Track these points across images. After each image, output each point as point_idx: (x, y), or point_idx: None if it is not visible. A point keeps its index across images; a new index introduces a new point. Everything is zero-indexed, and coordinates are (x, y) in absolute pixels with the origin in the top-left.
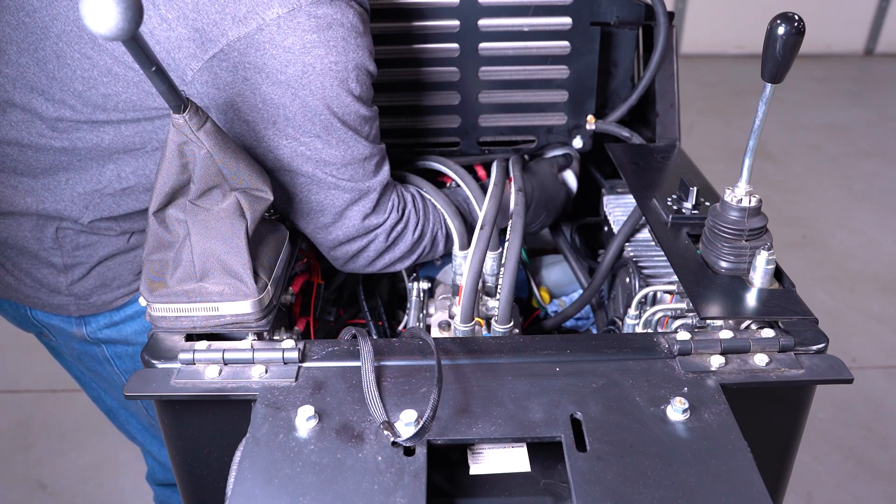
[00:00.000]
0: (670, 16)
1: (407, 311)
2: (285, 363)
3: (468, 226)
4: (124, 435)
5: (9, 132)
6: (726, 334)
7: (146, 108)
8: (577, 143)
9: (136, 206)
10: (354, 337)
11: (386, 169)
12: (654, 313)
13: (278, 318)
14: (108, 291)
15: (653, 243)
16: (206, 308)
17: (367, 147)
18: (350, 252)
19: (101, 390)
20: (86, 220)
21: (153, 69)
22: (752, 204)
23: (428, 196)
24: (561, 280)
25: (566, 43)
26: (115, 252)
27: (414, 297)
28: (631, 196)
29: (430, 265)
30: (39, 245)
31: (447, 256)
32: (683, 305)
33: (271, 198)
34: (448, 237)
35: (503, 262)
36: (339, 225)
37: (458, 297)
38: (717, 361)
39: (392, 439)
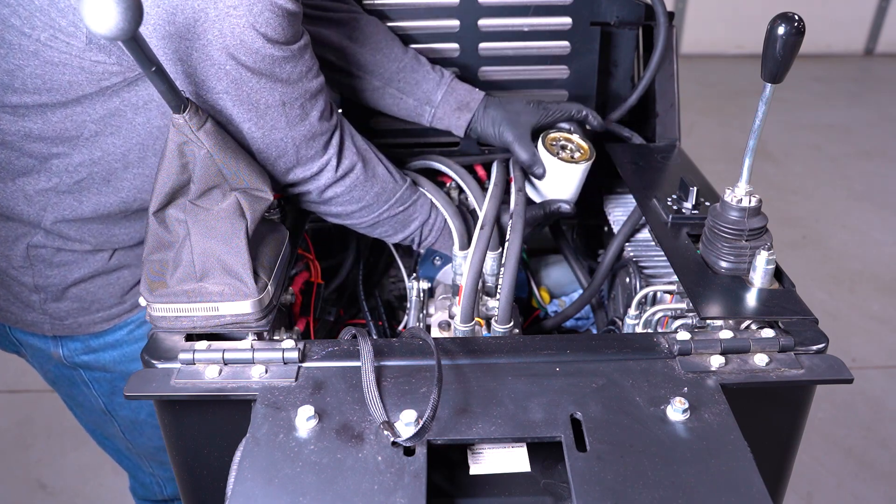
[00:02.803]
0: (670, 16)
1: (407, 311)
2: (285, 363)
3: (468, 226)
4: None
5: None
6: (726, 334)
7: (62, 88)
8: None
9: (102, 206)
10: (354, 337)
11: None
12: (654, 313)
13: (278, 318)
14: (85, 314)
15: (653, 243)
16: (206, 308)
17: (288, 92)
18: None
19: (77, 415)
20: (48, 222)
21: (153, 69)
22: (752, 204)
23: (428, 195)
24: (561, 280)
25: (566, 43)
26: (94, 273)
27: (414, 297)
28: (631, 196)
29: (430, 265)
30: (8, 262)
31: (439, 254)
32: (683, 305)
33: (271, 198)
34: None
35: (503, 262)
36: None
37: (458, 297)
38: (717, 361)
39: (392, 439)
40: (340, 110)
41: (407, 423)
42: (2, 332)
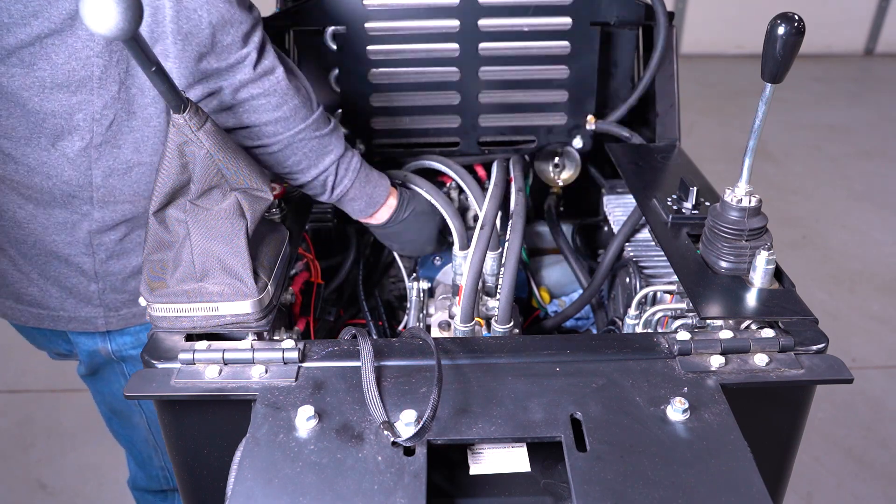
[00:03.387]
0: (670, 16)
1: (407, 311)
2: (285, 363)
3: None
4: (115, 439)
5: None
6: (726, 334)
7: (45, 8)
8: (577, 143)
9: (140, 142)
10: (354, 337)
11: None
12: (654, 313)
13: (278, 318)
14: (137, 304)
15: (653, 243)
16: (206, 308)
17: None
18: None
19: (102, 404)
20: (98, 179)
21: (153, 69)
22: (752, 204)
23: (427, 195)
24: (561, 280)
25: (566, 43)
26: None
27: (414, 297)
28: (631, 196)
29: (430, 265)
30: (70, 250)
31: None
32: (683, 305)
33: (271, 198)
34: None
35: (503, 262)
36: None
37: (458, 297)
38: (717, 361)
39: (392, 439)
40: (340, 110)
41: (407, 423)
42: (55, 333)
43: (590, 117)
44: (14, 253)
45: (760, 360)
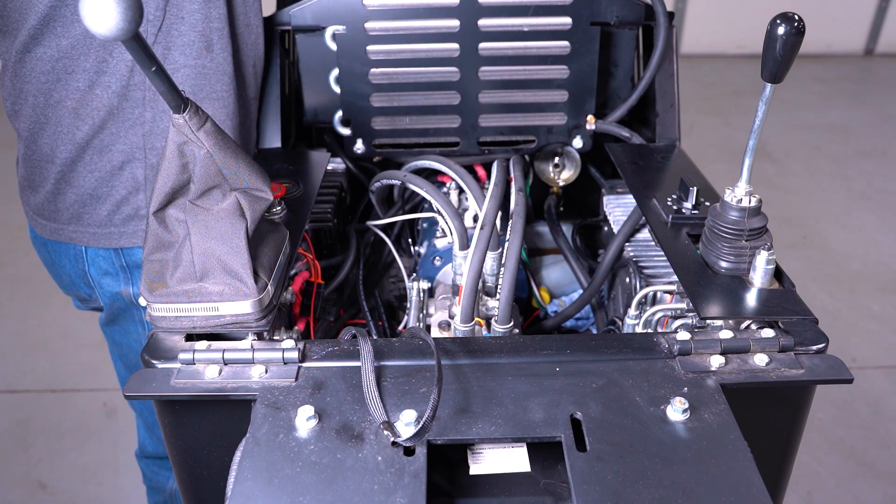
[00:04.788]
0: (670, 16)
1: (407, 311)
2: (285, 363)
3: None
4: (128, 402)
5: None
6: (726, 334)
7: None
8: (577, 143)
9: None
10: (354, 337)
11: None
12: (654, 313)
13: (278, 318)
14: None
15: (653, 243)
16: (206, 308)
17: None
18: None
19: (119, 359)
20: (149, 91)
21: (153, 69)
22: (752, 204)
23: (427, 194)
24: (561, 280)
25: (566, 43)
26: None
27: (414, 297)
28: (631, 196)
29: (430, 265)
30: (125, 146)
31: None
32: (683, 305)
33: (271, 198)
34: None
35: (503, 262)
36: None
37: (458, 297)
38: (717, 361)
39: (392, 439)
40: (339, 112)
41: (407, 423)
42: (79, 275)
43: (590, 117)
44: (82, 165)
45: (760, 360)
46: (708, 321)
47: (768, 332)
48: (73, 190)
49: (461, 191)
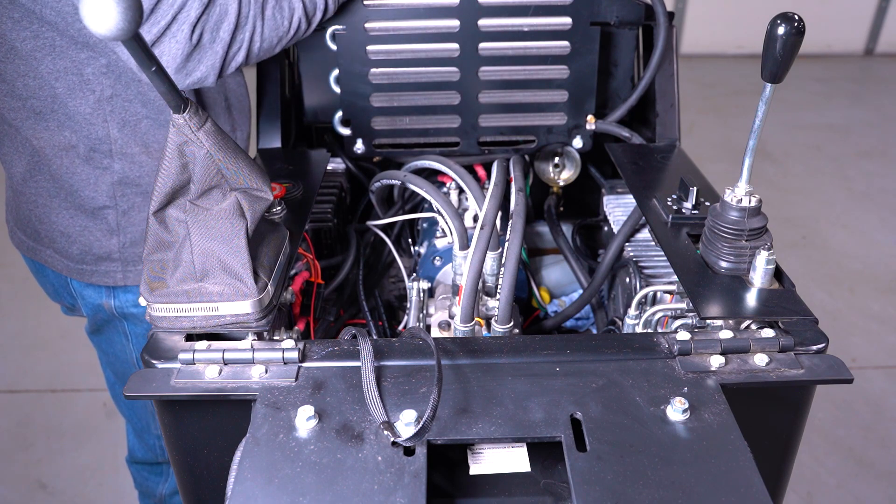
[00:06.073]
0: (670, 16)
1: (407, 311)
2: (285, 363)
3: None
4: (117, 407)
5: None
6: (726, 334)
7: None
8: (577, 143)
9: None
10: (354, 337)
11: None
12: (654, 313)
13: (278, 318)
14: None
15: (653, 243)
16: (206, 308)
17: None
18: None
19: (107, 367)
20: (114, 130)
21: (153, 69)
22: (752, 204)
23: (427, 194)
24: (561, 280)
25: (566, 43)
26: None
27: (414, 297)
28: (631, 196)
29: (430, 265)
30: (95, 201)
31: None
32: (683, 305)
33: (271, 198)
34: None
35: (503, 262)
36: None
37: (458, 297)
38: (717, 361)
39: (392, 439)
40: (339, 112)
41: (407, 423)
42: (62, 285)
43: (590, 117)
44: (56, 204)
45: (760, 360)
46: (708, 321)
47: (768, 332)
48: (44, 227)
49: (461, 191)
